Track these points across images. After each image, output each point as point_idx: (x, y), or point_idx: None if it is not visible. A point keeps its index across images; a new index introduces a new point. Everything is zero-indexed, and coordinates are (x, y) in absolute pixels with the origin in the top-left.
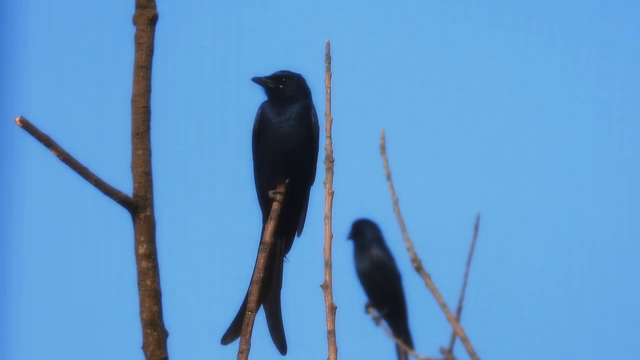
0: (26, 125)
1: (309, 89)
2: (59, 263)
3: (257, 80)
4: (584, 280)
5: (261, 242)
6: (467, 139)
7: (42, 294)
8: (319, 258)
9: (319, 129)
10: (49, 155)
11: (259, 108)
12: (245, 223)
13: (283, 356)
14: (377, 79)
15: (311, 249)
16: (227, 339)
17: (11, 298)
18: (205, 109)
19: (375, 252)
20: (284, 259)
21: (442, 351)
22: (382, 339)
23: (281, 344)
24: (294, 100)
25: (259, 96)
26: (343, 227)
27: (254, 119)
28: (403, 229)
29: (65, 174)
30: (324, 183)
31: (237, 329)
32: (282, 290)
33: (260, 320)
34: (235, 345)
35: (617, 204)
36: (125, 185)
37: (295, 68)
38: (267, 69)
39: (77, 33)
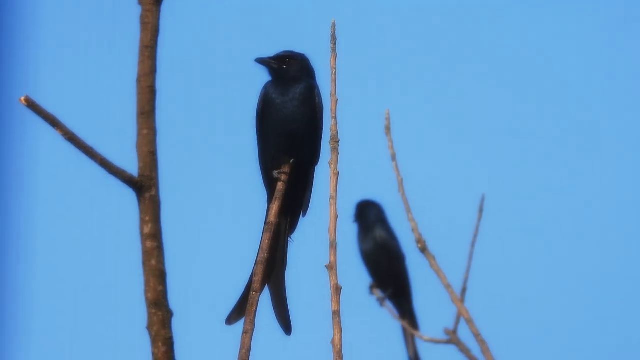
0: (31, 105)
1: (312, 69)
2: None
3: (261, 61)
4: (588, 262)
5: (266, 223)
6: (472, 119)
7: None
8: (324, 239)
9: (323, 109)
10: (55, 135)
11: (263, 88)
12: (250, 203)
13: (288, 336)
14: (383, 59)
15: (316, 230)
16: (231, 319)
17: (17, 278)
18: (210, 89)
19: (379, 233)
20: (289, 239)
21: (447, 332)
22: (386, 319)
23: (286, 324)
24: (297, 81)
25: (264, 76)
26: (348, 207)
27: (257, 100)
28: (408, 210)
29: (70, 154)
30: (329, 163)
31: (241, 309)
32: (287, 270)
33: (265, 300)
34: (239, 326)
35: (622, 185)
36: (131, 165)
37: (300, 49)
38: (273, 49)
39: (82, 13)
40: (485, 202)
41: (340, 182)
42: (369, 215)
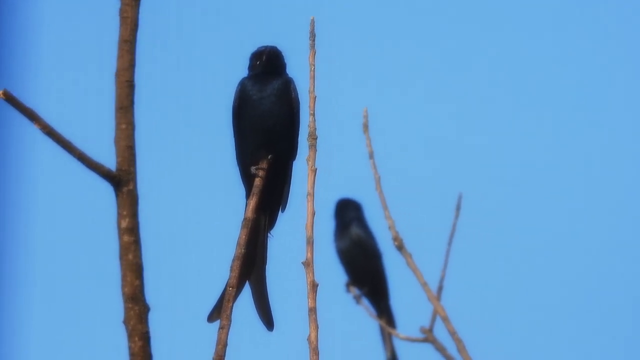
0: (9, 98)
1: (285, 63)
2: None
3: (265, 52)
4: (566, 259)
5: (244, 218)
6: (450, 118)
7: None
8: (301, 235)
9: (299, 104)
10: (33, 129)
11: (239, 84)
12: (228, 199)
13: (270, 332)
14: (361, 57)
15: (293, 227)
16: (213, 316)
17: None
18: (188, 84)
19: (355, 231)
20: (269, 234)
21: (423, 330)
22: (363, 317)
23: (268, 320)
24: (274, 76)
25: (242, 71)
26: (325, 204)
27: (233, 96)
28: (385, 208)
29: (48, 148)
30: (307, 160)
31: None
32: (266, 266)
33: (244, 296)
34: (217, 321)
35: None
36: (109, 159)
37: (279, 45)
38: (252, 45)
39: (61, 6)
40: (462, 201)
41: (317, 179)
42: (346, 213)
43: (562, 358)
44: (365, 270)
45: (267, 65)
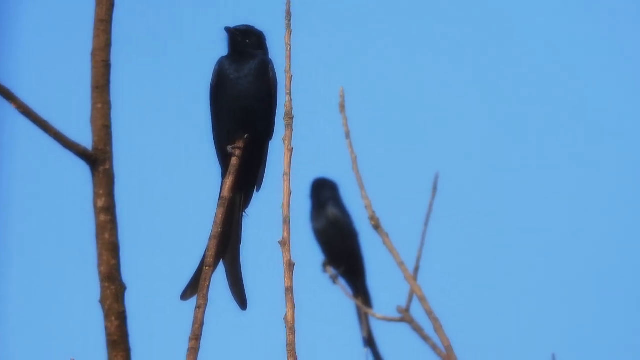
0: None
1: (267, 46)
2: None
3: (228, 30)
4: (541, 239)
5: (220, 197)
6: (426, 97)
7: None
8: (278, 214)
9: (277, 84)
10: (9, 108)
11: (217, 64)
12: (205, 178)
13: (243, 311)
14: (338, 37)
15: (270, 206)
16: (187, 294)
17: None
18: (165, 63)
19: (331, 210)
20: (244, 213)
21: (400, 310)
22: (340, 296)
23: (241, 299)
24: (252, 56)
25: (219, 50)
26: (302, 183)
27: (211, 74)
28: (361, 187)
29: (25, 127)
30: (283, 139)
31: (197, 285)
32: (241, 245)
33: (220, 275)
34: (193, 300)
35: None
36: (85, 138)
37: (255, 24)
38: (228, 24)
39: None
40: (439, 180)
41: (294, 158)
42: (323, 193)
43: (539, 335)
44: (341, 249)
45: (233, 44)
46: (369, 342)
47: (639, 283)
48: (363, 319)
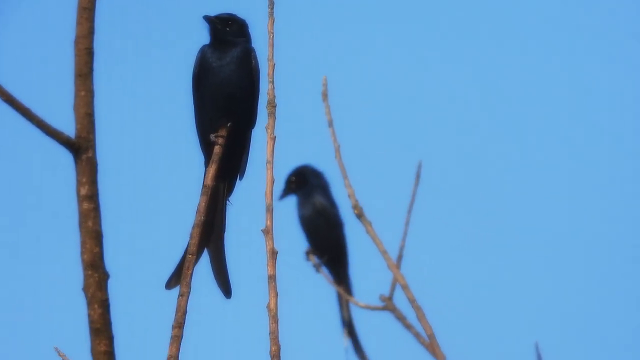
0: None
1: (250, 34)
2: None
3: (208, 18)
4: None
5: (203, 186)
6: (409, 85)
7: None
8: (261, 203)
9: (259, 73)
10: None
11: (199, 52)
12: (188, 166)
13: (227, 300)
14: (321, 25)
15: (253, 194)
16: (171, 283)
17: None
18: (148, 51)
19: (318, 199)
20: (227, 202)
21: (382, 298)
22: (323, 285)
23: (226, 287)
24: (235, 44)
25: (202, 38)
26: (284, 172)
27: (193, 63)
28: (344, 176)
29: (7, 115)
30: (266, 128)
31: (181, 273)
32: (225, 233)
33: (203, 263)
34: (176, 289)
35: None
36: (68, 126)
37: (237, 12)
38: (211, 11)
39: None
40: (422, 169)
41: (276, 147)
42: (310, 181)
43: (521, 323)
44: (327, 239)
45: (214, 33)
46: (349, 331)
47: (628, 273)
48: (344, 307)
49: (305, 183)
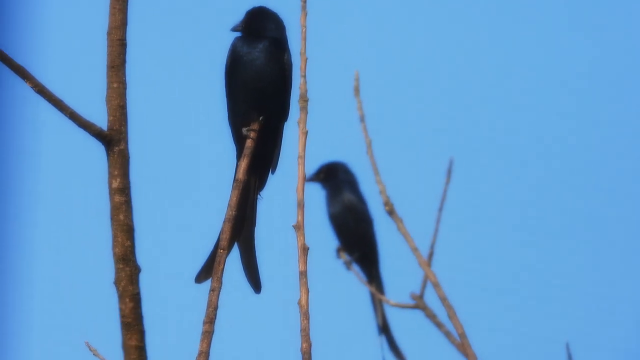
0: (1, 56)
1: (283, 26)
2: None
3: (235, 29)
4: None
5: (234, 180)
6: (442, 81)
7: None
8: (292, 198)
9: (292, 66)
10: (24, 87)
11: (231, 45)
12: (220, 160)
13: (257, 295)
14: (354, 19)
15: (284, 189)
16: (201, 277)
17: None
18: (181, 43)
19: (347, 196)
20: (258, 196)
21: (413, 296)
22: (354, 281)
23: (255, 282)
24: (266, 37)
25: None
26: (316, 167)
27: (226, 56)
28: (376, 172)
29: (40, 106)
30: (298, 122)
31: (211, 268)
32: (255, 228)
33: (234, 258)
34: (207, 283)
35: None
36: (100, 118)
37: (271, 5)
38: (244, 5)
39: None
40: (454, 165)
41: (308, 141)
42: (338, 177)
43: (553, 323)
44: (356, 235)
45: (247, 26)
46: (384, 329)
47: None
48: (377, 306)
49: (334, 177)
